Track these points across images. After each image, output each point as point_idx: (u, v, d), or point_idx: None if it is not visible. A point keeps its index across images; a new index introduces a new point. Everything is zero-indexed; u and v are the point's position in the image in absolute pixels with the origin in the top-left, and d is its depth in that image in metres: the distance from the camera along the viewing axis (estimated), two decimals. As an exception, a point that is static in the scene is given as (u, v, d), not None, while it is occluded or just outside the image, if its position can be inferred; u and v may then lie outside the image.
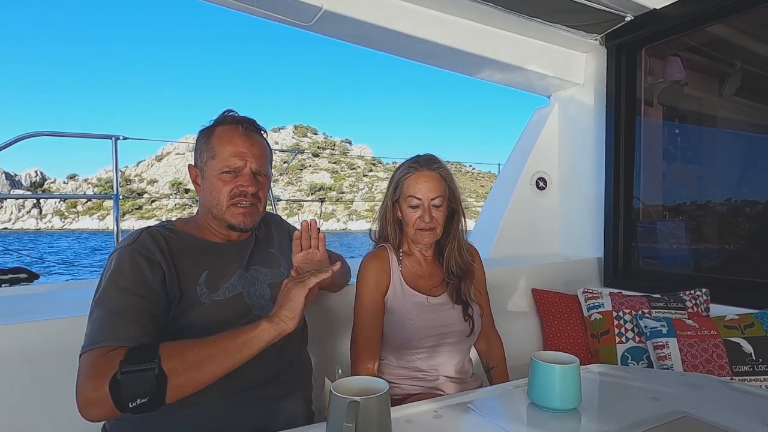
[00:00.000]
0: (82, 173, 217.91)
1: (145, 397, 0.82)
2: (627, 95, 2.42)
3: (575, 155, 2.75)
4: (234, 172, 1.13)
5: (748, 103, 2.41)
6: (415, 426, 0.87)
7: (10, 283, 1.95)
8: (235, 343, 0.90)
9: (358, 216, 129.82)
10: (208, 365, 0.87)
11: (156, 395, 0.83)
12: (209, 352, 0.88)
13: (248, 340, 0.90)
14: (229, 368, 0.90)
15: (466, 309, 1.44)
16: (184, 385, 0.86)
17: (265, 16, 1.89)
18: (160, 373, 0.83)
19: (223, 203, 1.13)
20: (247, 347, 0.90)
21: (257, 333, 0.91)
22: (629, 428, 0.84)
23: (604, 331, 1.97)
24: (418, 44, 2.17)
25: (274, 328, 0.92)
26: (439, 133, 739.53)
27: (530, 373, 0.95)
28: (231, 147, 1.13)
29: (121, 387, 0.82)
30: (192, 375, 0.86)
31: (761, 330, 1.68)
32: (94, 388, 0.83)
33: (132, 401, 0.82)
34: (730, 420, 0.88)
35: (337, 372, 0.92)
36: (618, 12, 2.23)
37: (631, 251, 2.45)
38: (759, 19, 2.11)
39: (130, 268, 0.99)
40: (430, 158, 1.44)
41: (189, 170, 1.20)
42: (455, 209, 1.46)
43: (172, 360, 0.85)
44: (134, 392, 0.82)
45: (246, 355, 0.90)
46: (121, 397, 0.81)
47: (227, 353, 0.89)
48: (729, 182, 2.36)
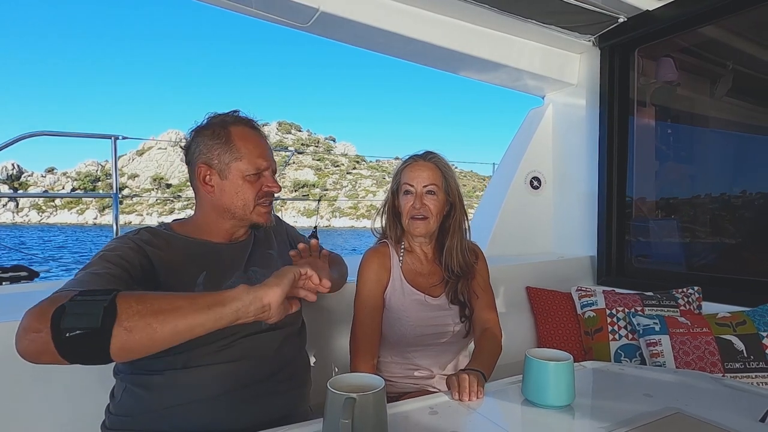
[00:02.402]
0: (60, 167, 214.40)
1: (86, 328, 0.71)
2: (620, 95, 2.44)
3: (569, 155, 2.77)
4: (259, 173, 1.15)
5: (739, 104, 2.43)
6: (410, 422, 0.88)
7: (10, 281, 1.95)
8: (205, 298, 0.81)
9: (341, 213, 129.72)
10: (171, 315, 0.76)
11: (99, 332, 0.71)
12: (175, 302, 0.78)
13: (219, 297, 0.81)
14: (194, 326, 0.78)
15: (463, 310, 1.43)
16: (136, 330, 0.73)
17: (263, 17, 1.90)
18: (111, 306, 0.73)
19: (251, 204, 1.15)
20: (218, 305, 0.79)
21: (231, 292, 0.82)
22: (622, 424, 0.85)
23: (597, 328, 1.99)
24: (413, 45, 2.18)
25: (253, 290, 0.83)
26: (431, 133, 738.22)
27: (524, 370, 0.96)
28: (256, 149, 1.15)
29: (65, 312, 0.72)
30: (148, 320, 0.74)
31: (753, 327, 1.70)
32: (38, 314, 0.74)
33: (70, 330, 0.71)
34: (722, 416, 0.89)
35: (334, 369, 0.92)
36: (611, 13, 2.25)
37: (624, 249, 2.47)
38: (750, 21, 2.13)
39: (120, 247, 0.99)
40: (427, 152, 1.45)
41: (198, 169, 1.15)
42: (453, 204, 1.44)
43: (129, 300, 0.75)
44: (75, 320, 0.71)
45: (215, 315, 0.79)
46: (61, 324, 0.71)
47: (194, 307, 0.78)
48: (721, 181, 2.38)
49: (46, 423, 1.25)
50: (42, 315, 0.73)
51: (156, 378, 1.01)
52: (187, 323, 0.77)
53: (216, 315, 0.79)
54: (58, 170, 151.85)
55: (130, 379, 1.05)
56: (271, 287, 0.84)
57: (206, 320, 0.79)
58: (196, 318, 0.77)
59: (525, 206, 2.78)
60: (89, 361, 0.75)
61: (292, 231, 1.43)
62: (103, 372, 1.14)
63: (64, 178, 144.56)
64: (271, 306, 0.84)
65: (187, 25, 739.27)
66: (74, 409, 1.27)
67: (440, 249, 1.47)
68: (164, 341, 0.77)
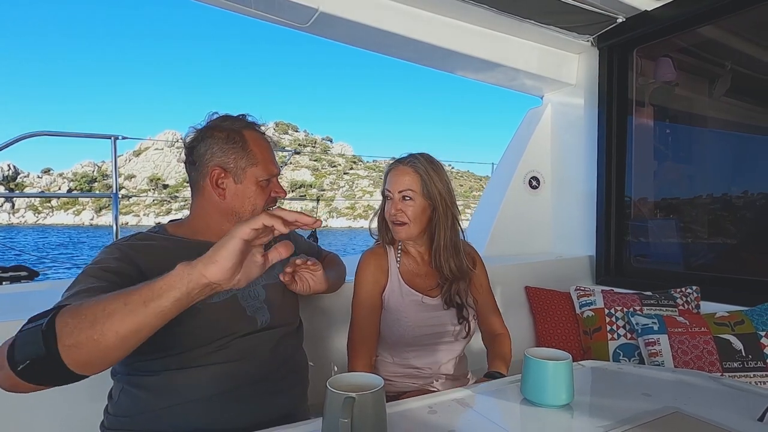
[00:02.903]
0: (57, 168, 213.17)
1: (35, 356, 0.70)
2: (619, 96, 2.44)
3: (568, 154, 2.77)
4: (269, 178, 1.18)
5: (737, 104, 2.44)
6: (409, 422, 0.88)
7: (10, 281, 1.94)
8: (140, 294, 0.72)
9: (338, 214, 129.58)
10: (108, 322, 0.70)
11: (44, 357, 0.70)
12: (108, 306, 0.72)
13: (155, 290, 0.71)
14: (135, 326, 0.71)
15: (461, 311, 1.43)
16: (80, 345, 0.70)
17: (263, 17, 1.90)
18: (49, 329, 0.70)
19: (260, 209, 1.16)
20: (155, 300, 0.71)
21: (167, 279, 0.72)
22: (621, 424, 0.85)
23: (596, 328, 1.99)
24: (412, 45, 2.18)
25: (189, 270, 0.71)
26: (429, 133, 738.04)
27: (523, 369, 0.96)
28: (269, 155, 1.17)
29: (15, 345, 0.72)
30: (87, 333, 0.70)
31: (751, 327, 1.71)
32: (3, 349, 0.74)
33: (22, 362, 0.70)
34: (721, 415, 0.89)
35: (333, 369, 0.92)
36: (610, 13, 2.25)
37: (623, 249, 2.47)
38: (749, 21, 2.13)
39: (104, 259, 0.99)
40: (411, 155, 1.43)
41: (211, 171, 1.12)
42: (435, 207, 1.40)
43: (65, 316, 0.72)
44: (23, 351, 0.71)
45: (155, 311, 0.71)
46: (15, 357, 0.70)
47: (128, 306, 0.71)
48: (719, 181, 2.39)
49: (44, 423, 1.25)
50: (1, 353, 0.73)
51: (153, 379, 1.01)
52: (126, 327, 0.71)
53: (156, 310, 0.71)
54: (55, 171, 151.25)
55: (127, 380, 1.05)
56: (207, 264, 0.71)
57: (146, 318, 0.71)
58: (134, 319, 0.71)
59: (524, 206, 2.78)
60: (61, 382, 0.73)
61: (289, 232, 1.44)
62: (101, 373, 1.14)
63: (61, 179, 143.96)
64: (218, 282, 0.72)
65: (183, 25, 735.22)
66: (73, 410, 1.27)
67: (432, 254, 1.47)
68: (115, 349, 0.72)
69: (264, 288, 1.18)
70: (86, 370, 0.73)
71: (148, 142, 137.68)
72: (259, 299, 1.16)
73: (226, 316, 1.08)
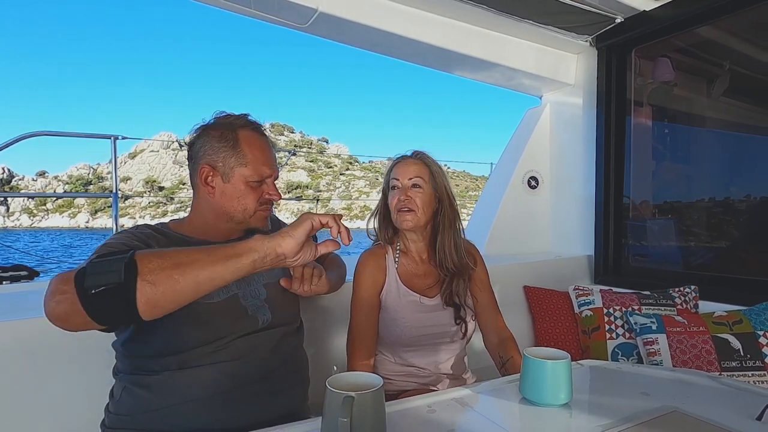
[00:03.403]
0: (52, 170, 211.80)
1: (110, 283, 0.75)
2: (617, 96, 2.45)
3: (566, 154, 2.78)
4: (261, 180, 1.16)
5: (736, 104, 2.44)
6: (409, 421, 0.88)
7: (10, 280, 1.94)
8: (223, 250, 0.83)
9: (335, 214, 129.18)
10: (190, 267, 0.79)
11: (123, 286, 0.75)
12: (192, 255, 0.81)
13: (237, 249, 0.84)
14: (214, 277, 0.81)
15: (458, 311, 1.43)
16: (158, 282, 0.77)
17: (262, 18, 1.90)
18: (131, 261, 0.76)
19: (251, 209, 1.15)
20: (235, 257, 0.83)
21: (248, 243, 0.85)
22: (619, 423, 0.85)
23: (594, 327, 1.99)
24: (411, 45, 2.18)
25: (267, 240, 0.86)
26: (427, 133, 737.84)
27: (522, 368, 0.97)
28: (262, 156, 1.15)
29: (86, 273, 0.76)
30: (168, 272, 0.78)
31: (749, 326, 1.71)
32: (63, 278, 0.78)
33: (95, 287, 0.75)
34: (719, 414, 0.89)
35: (333, 368, 0.92)
36: (608, 14, 2.26)
37: (622, 249, 2.48)
38: (747, 21, 2.14)
39: (122, 239, 1.01)
40: (415, 151, 1.48)
41: (200, 169, 1.14)
42: (441, 199, 1.44)
43: (149, 256, 0.79)
44: (99, 278, 0.75)
45: (233, 267, 0.82)
46: (84, 284, 0.75)
47: (212, 258, 0.81)
48: (717, 181, 2.39)
49: (46, 422, 1.25)
50: (66, 278, 0.76)
51: (154, 378, 1.01)
52: (206, 274, 0.80)
53: (234, 266, 0.83)
54: (50, 174, 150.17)
55: (129, 379, 1.05)
56: (285, 237, 0.87)
57: (224, 271, 0.82)
58: (215, 269, 0.81)
59: (522, 206, 2.79)
60: (117, 319, 0.79)
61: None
62: (102, 372, 1.15)
63: (56, 182, 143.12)
64: (285, 255, 0.88)
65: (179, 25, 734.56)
66: (74, 408, 1.27)
67: (434, 249, 1.48)
68: (187, 293, 0.80)
69: (265, 287, 1.19)
70: (150, 311, 0.78)
71: (144, 144, 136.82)
72: (260, 298, 1.16)
73: (228, 315, 1.08)
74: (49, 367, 1.26)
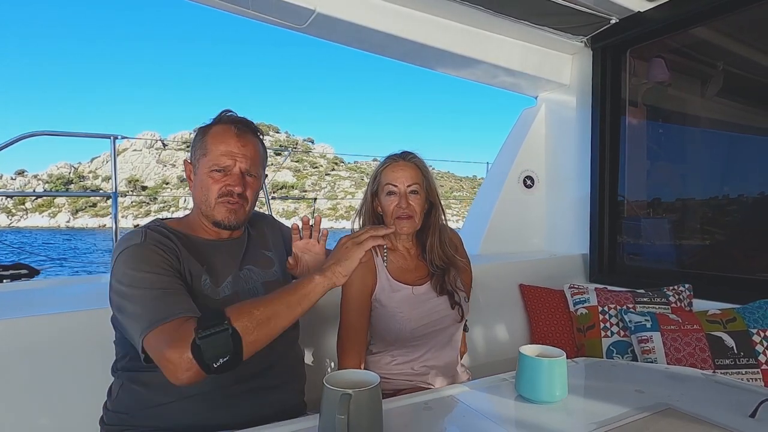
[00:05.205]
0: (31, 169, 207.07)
1: (226, 355, 0.88)
2: (612, 96, 2.46)
3: (562, 154, 2.79)
4: (223, 170, 1.14)
5: (729, 104, 2.46)
6: (405, 418, 0.89)
7: (11, 279, 1.94)
8: (296, 297, 0.96)
9: (321, 214, 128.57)
10: (275, 320, 0.93)
11: (235, 353, 0.88)
12: (274, 308, 0.94)
13: (306, 293, 0.96)
14: (292, 320, 0.97)
15: (453, 297, 1.46)
16: (257, 341, 0.92)
17: (260, 18, 1.90)
18: (234, 333, 0.88)
19: (212, 200, 1.15)
20: (306, 300, 0.96)
21: (312, 287, 0.97)
22: (614, 420, 0.86)
23: (589, 325, 2.00)
24: (407, 45, 2.18)
25: (327, 281, 0.98)
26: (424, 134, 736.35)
27: (518, 366, 0.97)
28: (223, 146, 1.14)
29: (202, 351, 0.86)
30: (262, 330, 0.92)
31: (743, 324, 1.72)
32: (178, 355, 0.87)
33: (215, 362, 0.87)
34: (712, 412, 0.90)
35: (330, 365, 0.93)
36: (603, 15, 2.27)
37: (616, 248, 2.49)
38: (740, 22, 2.15)
39: (151, 255, 1.01)
40: (405, 152, 1.49)
41: (184, 166, 1.22)
42: (433, 202, 1.49)
43: (241, 320, 0.90)
44: (215, 353, 0.87)
45: (305, 307, 0.97)
46: (204, 360, 0.86)
47: (290, 308, 0.95)
48: (711, 180, 2.40)
49: (45, 418, 1.26)
50: (181, 355, 0.87)
51: (152, 375, 1.01)
52: (288, 321, 0.96)
53: (305, 307, 0.97)
54: (29, 173, 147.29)
55: (126, 377, 1.05)
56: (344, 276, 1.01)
57: (298, 314, 0.97)
58: (293, 314, 0.96)
59: (518, 205, 2.80)
60: (232, 368, 0.90)
61: (287, 232, 1.43)
62: (101, 369, 1.15)
63: (35, 181, 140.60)
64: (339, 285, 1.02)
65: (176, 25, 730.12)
66: (73, 405, 1.28)
67: (422, 245, 1.51)
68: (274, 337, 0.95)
69: (263, 285, 1.19)
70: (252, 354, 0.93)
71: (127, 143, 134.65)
72: (257, 297, 1.16)
73: None
74: (48, 365, 1.26)
